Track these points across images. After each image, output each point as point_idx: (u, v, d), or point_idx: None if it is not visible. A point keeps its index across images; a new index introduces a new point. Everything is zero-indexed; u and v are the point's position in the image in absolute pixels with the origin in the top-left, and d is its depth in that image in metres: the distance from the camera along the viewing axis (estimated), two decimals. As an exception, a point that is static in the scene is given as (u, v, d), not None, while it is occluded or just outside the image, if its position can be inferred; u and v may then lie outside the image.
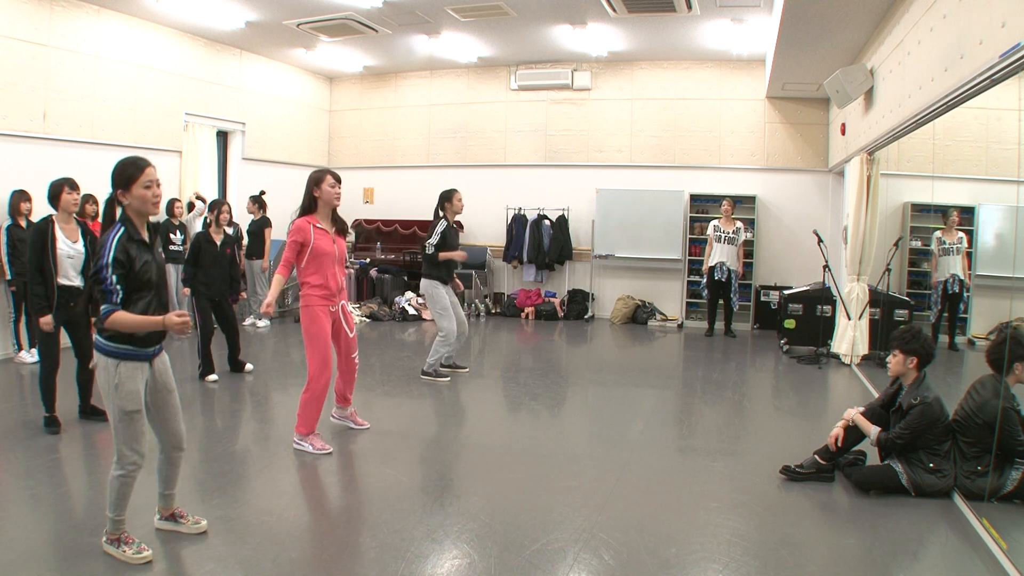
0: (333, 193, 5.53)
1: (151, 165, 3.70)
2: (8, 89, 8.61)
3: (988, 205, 8.73)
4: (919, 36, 6.39)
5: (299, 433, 5.55)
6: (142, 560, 3.65)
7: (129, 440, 3.62)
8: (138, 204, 3.63)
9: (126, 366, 3.60)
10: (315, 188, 5.48)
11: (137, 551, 3.67)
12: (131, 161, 3.66)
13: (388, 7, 9.82)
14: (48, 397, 5.88)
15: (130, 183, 3.61)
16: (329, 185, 5.50)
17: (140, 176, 3.62)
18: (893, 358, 5.06)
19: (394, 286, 13.43)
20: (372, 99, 14.63)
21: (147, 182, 3.63)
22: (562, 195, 13.30)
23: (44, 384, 5.88)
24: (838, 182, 11.58)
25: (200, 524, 4.04)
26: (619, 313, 12.84)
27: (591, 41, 11.51)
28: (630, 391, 8.28)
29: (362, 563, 3.76)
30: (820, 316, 9.73)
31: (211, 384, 7.58)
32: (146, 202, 3.65)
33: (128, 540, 3.70)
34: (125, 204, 3.65)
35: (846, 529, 4.36)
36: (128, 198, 3.63)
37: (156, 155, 10.41)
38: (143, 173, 3.63)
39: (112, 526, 3.71)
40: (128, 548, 3.67)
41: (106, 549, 3.72)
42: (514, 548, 3.91)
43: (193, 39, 11.32)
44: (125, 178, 3.61)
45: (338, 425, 6.15)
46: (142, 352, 3.67)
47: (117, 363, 3.58)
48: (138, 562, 3.64)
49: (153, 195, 3.67)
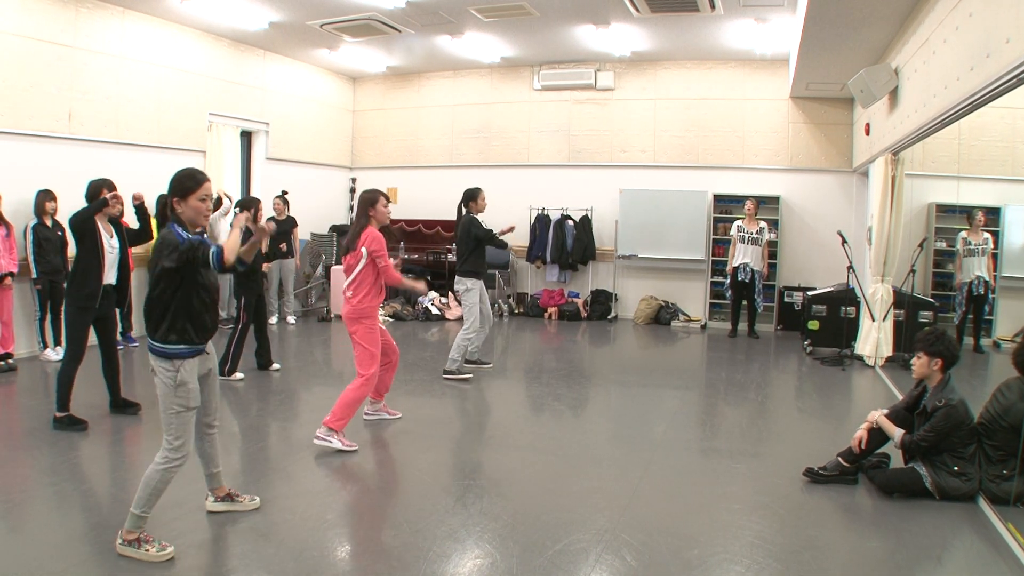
0: (386, 213, 5.86)
1: (208, 180, 3.91)
2: (34, 90, 8.72)
3: (1014, 206, 8.65)
4: (944, 35, 6.34)
5: (330, 427, 5.50)
6: (166, 557, 3.65)
7: (183, 434, 3.75)
8: (191, 214, 3.82)
9: (188, 365, 3.76)
10: (370, 208, 5.78)
11: (160, 548, 3.67)
12: (190, 174, 3.86)
13: (411, 7, 9.84)
14: (64, 393, 5.90)
15: (188, 194, 3.80)
16: (383, 206, 5.83)
17: (198, 189, 3.83)
18: (917, 360, 5.03)
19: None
20: (395, 99, 14.67)
21: (203, 195, 3.84)
22: (585, 195, 13.29)
23: (62, 379, 5.90)
24: (862, 182, 11.50)
25: (255, 500, 4.36)
26: (642, 314, 12.82)
27: (614, 41, 11.49)
28: (653, 392, 8.27)
29: (384, 562, 3.78)
30: (844, 317, 9.67)
31: (236, 382, 7.62)
32: (199, 214, 3.84)
33: (148, 539, 3.70)
34: (179, 212, 3.82)
35: (869, 532, 4.34)
36: (183, 207, 3.81)
37: (180, 155, 10.58)
38: (201, 187, 3.84)
39: (133, 523, 3.70)
40: (151, 547, 3.68)
41: (123, 552, 3.69)
42: (536, 548, 3.93)
43: (217, 40, 11.41)
44: (184, 189, 3.81)
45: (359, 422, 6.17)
46: (198, 349, 3.83)
47: (180, 363, 3.73)
48: (162, 559, 3.64)
49: (207, 208, 3.88)
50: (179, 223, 3.80)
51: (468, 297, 7.95)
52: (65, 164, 8.89)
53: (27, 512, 4.34)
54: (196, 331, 3.80)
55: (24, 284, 8.39)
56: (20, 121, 8.57)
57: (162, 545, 3.70)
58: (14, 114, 8.51)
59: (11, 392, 7.30)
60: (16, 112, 8.53)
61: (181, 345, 3.74)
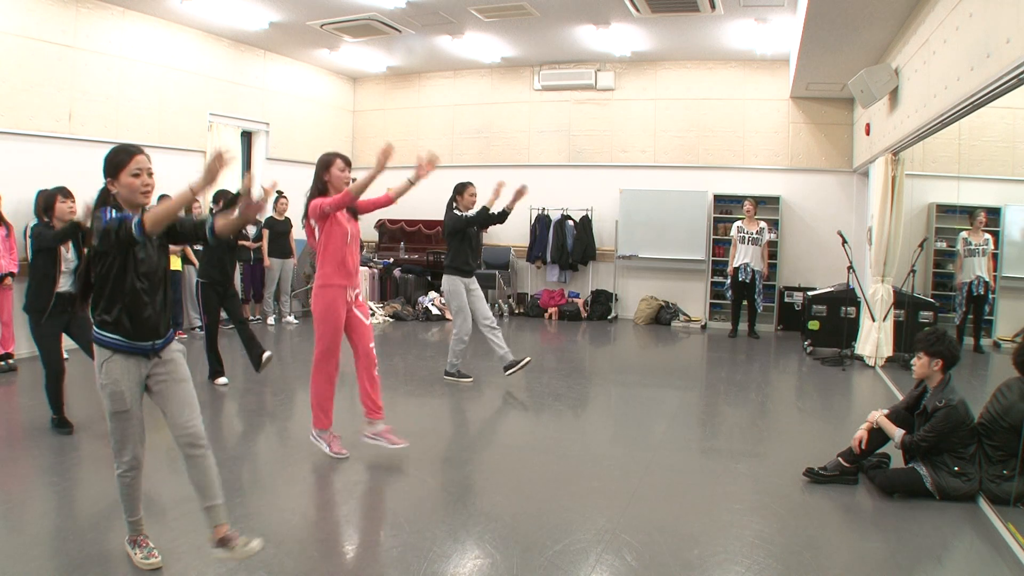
0: (343, 178, 5.36)
1: (142, 152, 3.47)
2: (34, 90, 8.73)
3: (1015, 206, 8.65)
4: (945, 35, 6.34)
5: (315, 428, 5.41)
6: (149, 567, 3.55)
7: (119, 440, 3.48)
8: (126, 193, 3.41)
9: (112, 364, 3.39)
10: (324, 172, 5.34)
11: (146, 556, 3.57)
12: (122, 148, 3.47)
13: (411, 7, 9.85)
14: (55, 400, 5.77)
15: (118, 170, 3.41)
16: (339, 169, 5.36)
17: (129, 163, 3.41)
18: (918, 360, 5.03)
19: (417, 286, 13.48)
20: (396, 99, 14.68)
21: (136, 170, 3.41)
22: (585, 195, 13.29)
23: (50, 390, 5.76)
24: (862, 183, 11.50)
25: (251, 546, 3.49)
26: (642, 314, 12.82)
27: (615, 41, 11.49)
28: (653, 392, 8.27)
29: (384, 562, 3.78)
30: (844, 318, 9.66)
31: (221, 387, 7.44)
32: (134, 191, 3.41)
33: (142, 543, 3.62)
34: (114, 193, 3.43)
35: (870, 532, 4.34)
36: (117, 186, 3.42)
37: (180, 155, 10.60)
38: (132, 160, 3.41)
39: (128, 527, 3.64)
40: (139, 551, 3.59)
41: (127, 550, 3.65)
42: (536, 548, 3.92)
43: (217, 40, 11.42)
44: (114, 165, 3.42)
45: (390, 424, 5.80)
46: (135, 346, 3.43)
47: (106, 358, 3.39)
48: (145, 568, 3.54)
49: (143, 184, 3.43)
50: (115, 207, 3.39)
51: (453, 299, 7.72)
52: (65, 164, 8.88)
53: (27, 512, 4.33)
54: (134, 325, 3.40)
55: (24, 284, 8.34)
56: (20, 121, 8.58)
57: (149, 553, 3.58)
58: (14, 114, 8.51)
59: (11, 392, 7.30)
60: (16, 112, 8.54)
61: (115, 336, 3.38)
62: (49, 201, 5.80)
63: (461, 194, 7.85)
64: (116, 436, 3.48)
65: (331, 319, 5.29)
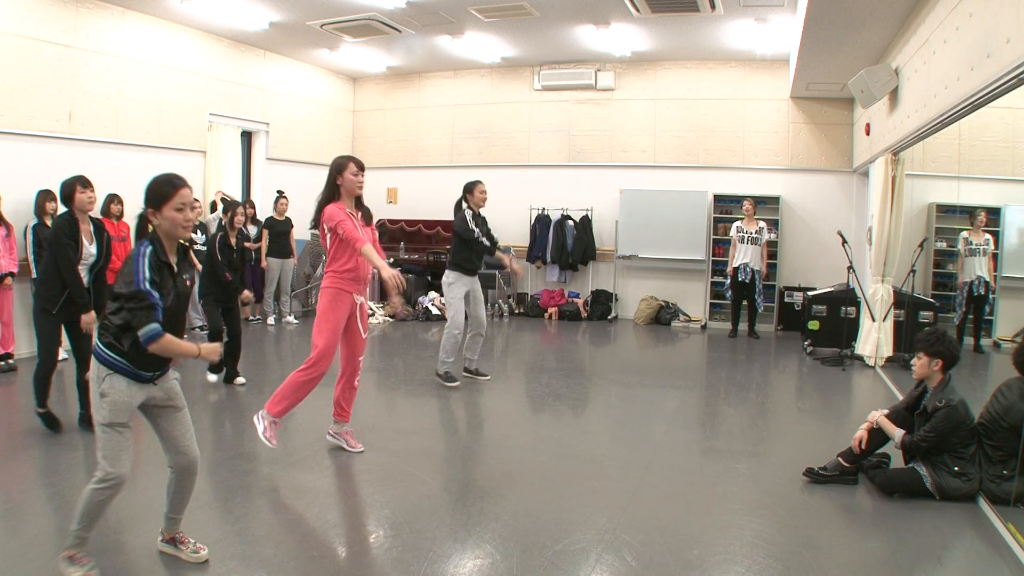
0: (355, 181, 5.31)
1: (187, 186, 3.43)
2: (34, 90, 8.73)
3: (1015, 206, 8.65)
4: (945, 35, 6.34)
5: (268, 411, 5.20)
6: None
7: (110, 454, 3.31)
8: (167, 226, 3.37)
9: (115, 379, 3.33)
10: (337, 176, 5.28)
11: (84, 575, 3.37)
12: (166, 179, 3.41)
13: (411, 7, 9.85)
14: (41, 392, 5.68)
15: (162, 203, 3.35)
16: (352, 173, 5.28)
17: (174, 196, 3.36)
18: (918, 360, 5.03)
19: (418, 286, 13.47)
20: (396, 99, 14.68)
21: (179, 204, 3.36)
22: (585, 195, 13.29)
23: (39, 378, 5.68)
24: (862, 182, 11.50)
25: (200, 553, 3.65)
26: (642, 314, 12.81)
27: (615, 41, 11.50)
28: (653, 392, 8.27)
29: (384, 562, 3.78)
30: (844, 318, 9.66)
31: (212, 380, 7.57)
32: (176, 225, 3.37)
33: (81, 560, 3.39)
34: (155, 224, 3.39)
35: (870, 532, 4.34)
36: (158, 219, 3.37)
37: (181, 155, 10.61)
38: (177, 194, 3.36)
39: (74, 540, 3.39)
40: (76, 570, 3.36)
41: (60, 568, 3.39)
42: (536, 549, 3.92)
43: (217, 40, 11.42)
44: (158, 197, 3.36)
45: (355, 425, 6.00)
46: (139, 373, 3.38)
47: (108, 373, 3.32)
48: None
49: (185, 219, 3.39)
50: (155, 241, 3.35)
51: (450, 291, 7.67)
52: (65, 164, 8.86)
53: (27, 512, 4.33)
54: (141, 358, 3.35)
55: (24, 284, 8.37)
56: (20, 121, 8.58)
57: (88, 573, 3.37)
58: (14, 114, 8.51)
59: (11, 392, 7.30)
60: (16, 112, 8.54)
61: (120, 359, 3.32)
62: (69, 191, 5.63)
63: (471, 192, 7.76)
64: (109, 448, 3.32)
65: (333, 318, 5.25)
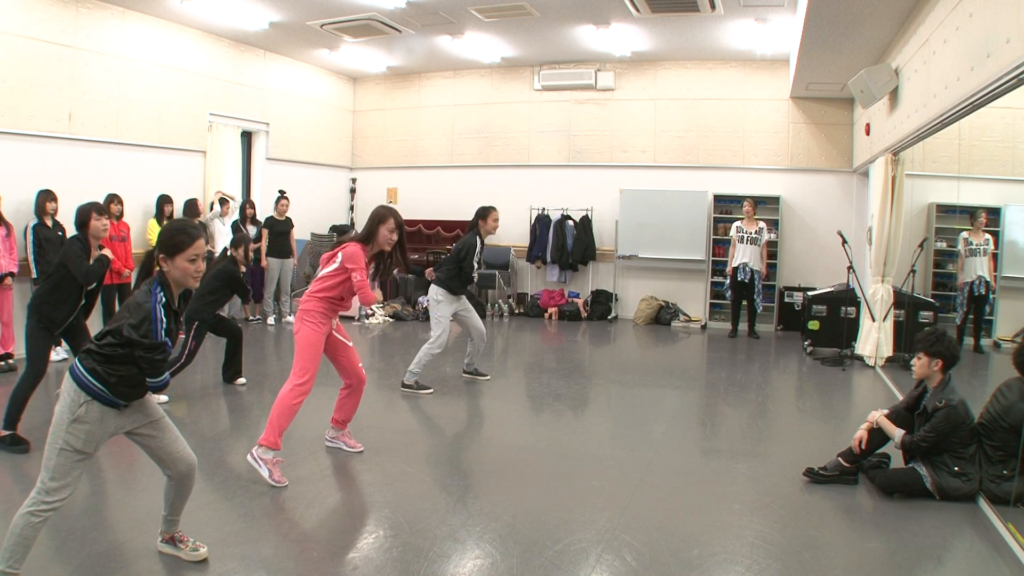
0: (388, 239, 5.25)
1: (202, 236, 3.40)
2: (34, 90, 8.73)
3: (1015, 206, 8.65)
4: (945, 35, 6.34)
5: (268, 445, 4.88)
6: None
7: (62, 477, 3.18)
8: (178, 275, 3.33)
9: (92, 407, 3.23)
10: (379, 224, 5.23)
11: None
12: (182, 228, 3.39)
13: (411, 7, 9.85)
14: (15, 411, 5.47)
15: (176, 252, 3.31)
16: (388, 230, 5.23)
17: (189, 248, 3.32)
18: (918, 360, 5.03)
19: (417, 286, 13.47)
20: (396, 99, 14.68)
21: (193, 255, 3.32)
22: (585, 195, 13.29)
23: (19, 392, 5.52)
24: (862, 183, 11.50)
25: (199, 551, 3.66)
26: (642, 314, 12.81)
27: (615, 41, 11.49)
28: (653, 392, 8.27)
29: (384, 562, 3.78)
30: (844, 318, 9.66)
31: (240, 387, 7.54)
32: (187, 275, 3.34)
33: None
34: (164, 270, 3.33)
35: (870, 532, 4.34)
36: (169, 266, 3.32)
37: (180, 155, 10.62)
38: (193, 245, 3.33)
39: None
40: None
41: None
42: (536, 549, 3.92)
43: (217, 40, 11.42)
44: (172, 246, 3.31)
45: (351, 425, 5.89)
46: (115, 401, 3.29)
47: (86, 400, 3.22)
48: None
49: (196, 270, 3.35)
50: (164, 287, 3.30)
51: (438, 309, 7.55)
52: (65, 164, 8.90)
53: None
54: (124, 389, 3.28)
55: (24, 284, 8.37)
56: (20, 121, 8.57)
57: None
58: (14, 114, 8.51)
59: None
60: (16, 112, 8.53)
61: (101, 387, 3.23)
62: (84, 217, 5.55)
63: (484, 219, 7.58)
64: (59, 472, 3.17)
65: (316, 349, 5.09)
